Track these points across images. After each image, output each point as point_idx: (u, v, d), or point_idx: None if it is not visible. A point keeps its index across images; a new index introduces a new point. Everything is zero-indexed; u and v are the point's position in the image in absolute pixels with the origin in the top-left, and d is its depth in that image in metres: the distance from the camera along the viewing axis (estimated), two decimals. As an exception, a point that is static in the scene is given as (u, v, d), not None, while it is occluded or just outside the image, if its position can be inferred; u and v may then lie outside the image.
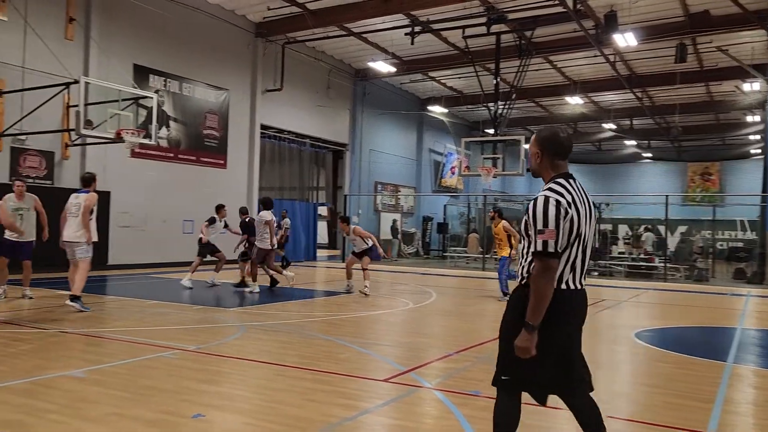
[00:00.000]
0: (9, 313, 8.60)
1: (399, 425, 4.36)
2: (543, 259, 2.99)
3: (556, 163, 3.24)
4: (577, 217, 3.06)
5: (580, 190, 3.17)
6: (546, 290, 2.98)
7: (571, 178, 3.19)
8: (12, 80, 13.71)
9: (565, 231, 3.02)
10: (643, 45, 19.36)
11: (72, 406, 4.46)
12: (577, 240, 3.09)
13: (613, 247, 23.10)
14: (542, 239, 2.99)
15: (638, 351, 7.55)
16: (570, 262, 3.09)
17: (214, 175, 18.85)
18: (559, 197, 3.05)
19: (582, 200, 3.14)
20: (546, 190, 3.12)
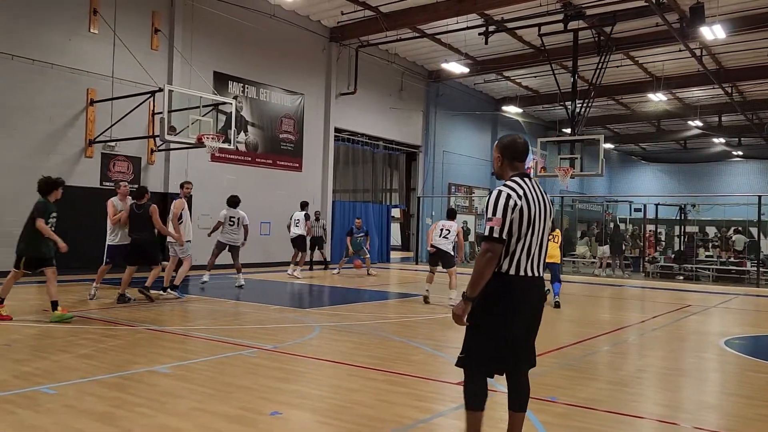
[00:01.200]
0: (101, 310, 9.07)
1: (474, 429, 4.30)
2: (488, 242, 3.38)
3: (515, 165, 3.62)
4: (528, 210, 3.42)
5: (534, 188, 3.53)
6: (485, 269, 3.37)
7: (527, 177, 3.55)
8: (102, 90, 14.49)
9: (514, 221, 3.39)
10: (732, 37, 18.40)
11: (158, 400, 4.64)
12: (531, 230, 3.45)
13: (700, 250, 22.01)
14: (490, 225, 3.40)
15: (728, 360, 7.15)
16: (526, 250, 3.45)
17: (289, 178, 19.26)
18: (511, 191, 3.43)
19: (535, 197, 3.49)
20: (501, 186, 3.51)
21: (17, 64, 13.10)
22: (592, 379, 5.84)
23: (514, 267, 3.44)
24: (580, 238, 24.19)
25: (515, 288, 3.45)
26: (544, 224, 3.54)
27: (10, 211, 13.06)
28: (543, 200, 3.54)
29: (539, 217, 3.48)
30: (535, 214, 3.45)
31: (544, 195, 3.58)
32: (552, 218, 3.70)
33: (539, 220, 3.48)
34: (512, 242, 3.43)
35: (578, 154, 19.19)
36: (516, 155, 3.60)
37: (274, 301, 10.89)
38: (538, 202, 3.49)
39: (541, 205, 3.50)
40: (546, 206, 3.56)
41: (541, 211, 3.50)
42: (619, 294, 14.87)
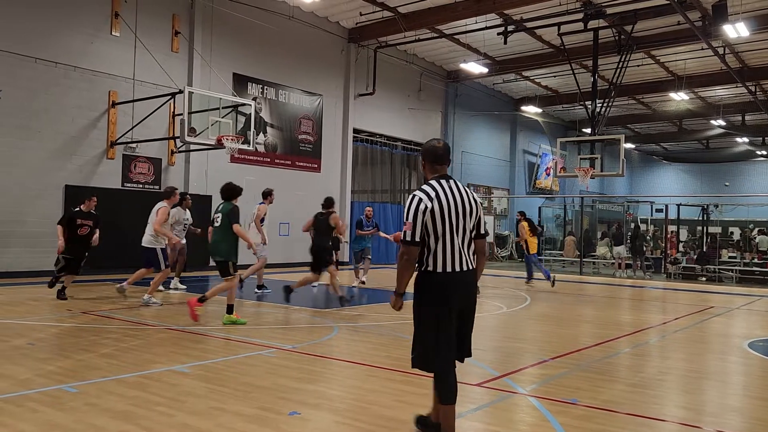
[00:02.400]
0: (122, 310, 9.17)
1: (493, 431, 4.28)
2: (404, 246, 3.68)
3: (435, 168, 3.87)
4: (440, 210, 3.65)
5: (453, 188, 3.75)
6: (404, 269, 3.70)
7: (445, 179, 3.79)
8: (124, 92, 14.66)
9: (428, 223, 3.64)
10: (756, 35, 18.14)
11: (177, 399, 4.68)
12: (449, 228, 3.67)
13: (723, 251, 21.69)
14: (404, 230, 3.67)
15: (752, 362, 7.04)
16: (448, 247, 3.68)
17: (308, 178, 19.33)
18: (423, 195, 3.67)
19: (452, 196, 3.71)
20: (416, 191, 3.75)
21: (41, 66, 13.30)
22: (613, 381, 5.78)
23: (440, 264, 3.67)
24: (601, 239, 23.98)
25: (442, 284, 3.68)
26: (464, 221, 3.73)
27: (33, 212, 13.29)
28: (462, 199, 3.74)
29: (456, 216, 3.70)
30: (451, 212, 3.67)
31: (464, 194, 3.78)
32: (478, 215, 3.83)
33: (457, 218, 3.70)
34: (431, 242, 3.67)
35: (598, 154, 19.03)
36: (436, 159, 3.86)
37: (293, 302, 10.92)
38: (455, 201, 3.70)
39: (459, 204, 3.71)
40: (466, 204, 3.75)
41: (459, 209, 3.71)
42: (640, 295, 14.71)
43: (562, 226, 28.22)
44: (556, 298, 13.26)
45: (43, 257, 13.39)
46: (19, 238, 13.02)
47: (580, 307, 11.65)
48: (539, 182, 31.09)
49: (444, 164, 3.88)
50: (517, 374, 5.88)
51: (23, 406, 4.41)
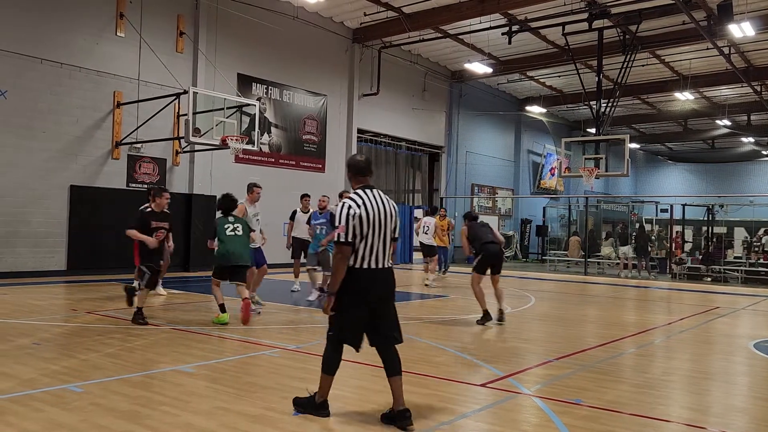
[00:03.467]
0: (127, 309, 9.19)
1: (497, 431, 4.27)
2: (338, 246, 4.26)
3: (359, 179, 4.47)
4: (367, 216, 4.25)
5: (376, 197, 4.37)
6: (339, 267, 4.26)
7: (368, 189, 4.40)
8: (128, 92, 14.70)
9: (356, 227, 4.23)
10: (761, 35, 18.07)
11: (182, 399, 4.69)
12: (371, 232, 4.28)
13: (729, 251, 21.61)
14: (337, 232, 4.24)
15: (757, 363, 7.01)
16: (369, 248, 4.29)
17: (312, 178, 19.33)
18: (351, 203, 4.27)
19: (375, 204, 4.33)
20: (346, 198, 4.35)
21: (46, 67, 13.35)
22: (618, 381, 5.76)
23: (359, 262, 4.28)
24: (605, 239, 23.92)
25: (361, 278, 4.28)
26: (385, 226, 4.36)
27: (37, 212, 13.34)
28: (384, 207, 4.37)
29: (379, 221, 4.31)
30: (375, 218, 4.29)
31: (385, 202, 4.41)
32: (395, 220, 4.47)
33: (379, 222, 4.31)
34: (356, 243, 4.26)
35: (603, 154, 19.01)
36: (359, 171, 4.48)
37: (297, 302, 10.93)
38: (379, 208, 4.32)
39: (381, 211, 4.33)
40: (388, 211, 4.39)
41: (382, 215, 4.33)
42: (644, 296, 14.67)
43: (566, 226, 28.17)
44: (560, 299, 13.24)
45: (48, 257, 13.46)
46: (24, 238, 13.07)
47: (585, 308, 11.63)
48: (544, 182, 31.04)
49: (366, 176, 4.48)
50: (521, 374, 5.87)
51: (28, 406, 4.42)
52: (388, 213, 4.39)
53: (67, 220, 13.67)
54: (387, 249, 4.38)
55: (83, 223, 13.82)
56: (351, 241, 4.23)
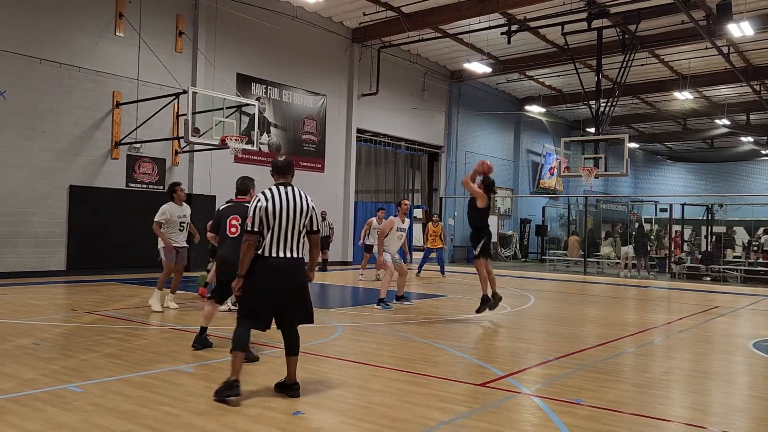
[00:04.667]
0: (126, 309, 9.18)
1: (497, 431, 4.27)
2: (246, 234, 4.76)
3: (277, 177, 4.95)
4: (273, 209, 4.72)
5: (288, 193, 4.83)
6: (245, 253, 4.72)
7: (284, 186, 4.88)
8: (128, 92, 14.69)
9: (263, 218, 4.71)
10: (760, 34, 18.11)
11: (181, 398, 4.69)
12: (279, 224, 4.73)
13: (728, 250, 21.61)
14: (247, 221, 4.75)
15: (757, 362, 7.01)
16: (275, 238, 4.74)
17: (312, 178, 19.33)
18: (262, 197, 4.77)
19: (286, 199, 4.79)
20: (259, 193, 4.83)
21: (45, 67, 13.34)
22: (618, 381, 5.76)
23: (267, 250, 4.72)
24: (605, 239, 23.93)
25: (267, 265, 4.71)
26: (294, 219, 4.79)
27: (38, 212, 13.33)
28: (295, 202, 4.81)
29: (288, 214, 4.75)
30: (282, 211, 4.73)
31: (298, 198, 4.84)
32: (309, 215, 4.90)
33: (287, 216, 4.75)
34: (264, 233, 4.72)
35: (602, 153, 19.03)
36: (277, 171, 4.94)
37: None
38: (288, 203, 4.77)
39: (290, 205, 4.78)
40: (298, 206, 4.82)
41: (291, 209, 4.77)
42: (644, 295, 14.68)
43: (565, 225, 28.18)
44: (560, 298, 13.24)
45: (48, 257, 13.46)
46: (24, 238, 13.06)
47: (585, 307, 11.64)
48: (543, 182, 31.05)
49: (283, 175, 4.93)
50: (521, 374, 5.87)
51: (28, 406, 4.42)
52: (299, 208, 4.81)
53: (67, 220, 13.66)
54: (298, 241, 4.81)
55: (83, 223, 13.82)
56: (257, 230, 4.71)
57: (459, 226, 25.31)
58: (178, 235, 9.15)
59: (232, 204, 6.80)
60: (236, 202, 6.77)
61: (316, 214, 5.02)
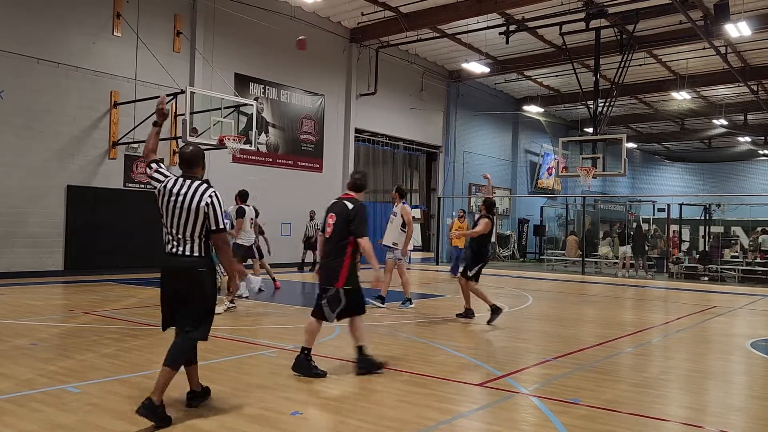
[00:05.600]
0: (124, 310, 9.17)
1: (495, 431, 4.27)
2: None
3: (183, 169, 4.52)
4: (161, 199, 4.34)
5: (183, 185, 4.35)
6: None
7: (183, 178, 4.42)
8: (125, 92, 14.67)
9: (158, 201, 4.38)
10: (758, 34, 18.13)
11: (180, 399, 4.68)
12: (165, 217, 4.32)
13: (726, 250, 21.65)
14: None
15: (754, 362, 7.02)
16: (167, 230, 4.34)
17: (310, 178, 19.33)
18: (160, 186, 4.38)
19: (178, 192, 4.31)
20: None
21: (43, 67, 13.32)
22: (616, 380, 5.77)
23: (164, 244, 4.36)
24: (603, 239, 23.96)
25: (163, 262, 4.38)
26: (179, 214, 4.28)
27: (35, 212, 13.30)
28: (185, 197, 4.30)
29: (174, 208, 4.29)
30: (169, 204, 4.30)
31: (190, 193, 4.31)
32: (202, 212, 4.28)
33: (174, 209, 4.29)
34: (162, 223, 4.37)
35: (600, 153, 19.02)
36: (181, 161, 4.55)
37: (294, 302, 10.93)
38: (176, 196, 4.30)
39: (178, 199, 4.29)
40: (186, 201, 4.28)
41: (178, 203, 4.29)
42: (642, 295, 14.69)
43: (564, 225, 28.20)
44: (558, 298, 13.25)
45: (45, 257, 13.43)
46: (21, 238, 13.04)
47: (583, 307, 11.64)
48: (541, 182, 31.07)
49: (189, 167, 4.50)
50: (519, 374, 5.87)
51: (26, 406, 4.41)
52: (186, 203, 4.27)
53: (65, 220, 13.64)
54: (184, 237, 4.29)
55: (80, 223, 13.80)
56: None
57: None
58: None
59: (335, 200, 5.85)
60: (340, 198, 5.81)
61: (216, 212, 4.33)
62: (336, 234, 5.61)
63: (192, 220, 4.28)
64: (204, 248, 4.35)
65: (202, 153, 4.63)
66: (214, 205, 4.32)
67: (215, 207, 4.33)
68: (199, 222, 4.29)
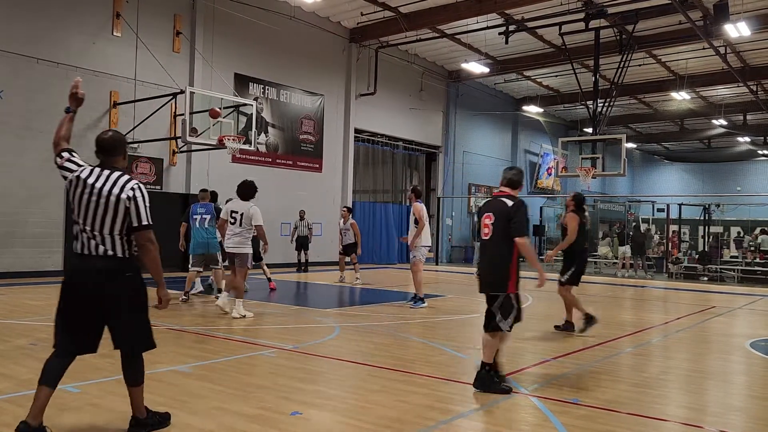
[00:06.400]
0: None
1: (495, 431, 4.27)
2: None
3: (99, 157, 3.96)
4: (71, 190, 3.79)
5: (97, 176, 3.82)
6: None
7: (100, 167, 3.90)
8: (125, 92, 14.67)
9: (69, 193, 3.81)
10: (757, 34, 18.15)
11: (179, 399, 4.68)
12: (77, 212, 3.74)
13: (725, 250, 21.66)
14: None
15: (754, 362, 7.03)
16: (77, 230, 3.76)
17: (309, 178, 19.33)
18: (72, 176, 3.87)
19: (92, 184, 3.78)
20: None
21: (42, 67, 13.31)
22: (616, 380, 5.77)
23: (73, 245, 3.76)
24: (602, 239, 23.96)
25: (70, 266, 3.79)
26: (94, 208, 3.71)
27: (35, 212, 13.30)
28: (101, 188, 3.74)
29: (88, 201, 3.72)
30: (82, 196, 3.73)
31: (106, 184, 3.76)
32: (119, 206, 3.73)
33: (88, 203, 3.72)
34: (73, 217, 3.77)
35: (600, 153, 19.00)
36: (98, 148, 3.99)
37: (294, 302, 10.93)
38: (89, 187, 3.75)
39: (90, 190, 3.74)
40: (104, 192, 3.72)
41: (89, 195, 3.73)
42: (642, 295, 14.69)
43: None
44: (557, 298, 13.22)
45: (45, 257, 13.43)
46: (21, 238, 13.04)
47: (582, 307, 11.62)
48: (540, 182, 31.08)
49: (104, 155, 3.96)
50: (518, 374, 5.87)
51: (26, 407, 4.39)
52: (102, 195, 3.72)
53: (64, 221, 13.63)
54: (102, 235, 3.69)
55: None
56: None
57: (456, 227, 25.32)
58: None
59: (489, 199, 5.56)
60: (494, 196, 5.44)
61: (138, 206, 3.77)
62: (497, 235, 5.15)
63: (111, 215, 3.72)
64: (127, 248, 3.77)
65: (123, 140, 4.06)
66: (137, 198, 3.77)
67: (138, 201, 3.77)
68: (120, 217, 3.73)
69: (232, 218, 8.82)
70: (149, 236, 3.79)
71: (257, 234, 8.84)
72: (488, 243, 5.19)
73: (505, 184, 5.36)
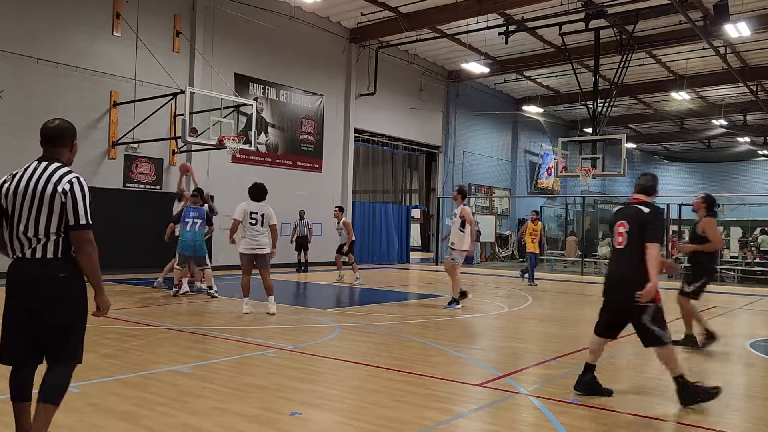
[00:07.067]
0: (123, 310, 9.17)
1: (495, 431, 4.27)
2: None
3: (43, 147, 3.54)
4: (7, 191, 3.39)
5: (35, 170, 3.42)
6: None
7: (39, 161, 3.48)
8: (125, 92, 14.67)
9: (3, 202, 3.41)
10: (757, 35, 18.15)
11: (179, 399, 4.68)
12: (13, 212, 3.37)
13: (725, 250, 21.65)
14: None
15: (753, 362, 7.03)
16: (12, 231, 3.39)
17: (309, 178, 19.33)
18: (8, 175, 3.51)
19: (28, 179, 3.39)
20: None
21: (42, 67, 13.31)
22: (615, 381, 5.77)
23: (10, 249, 3.41)
24: (602, 239, 23.96)
25: (10, 271, 3.40)
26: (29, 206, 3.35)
27: (35, 212, 13.27)
28: (37, 183, 3.37)
29: (23, 198, 3.35)
30: (16, 194, 3.37)
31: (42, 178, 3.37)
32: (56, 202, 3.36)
33: (23, 201, 3.35)
34: (6, 223, 3.42)
35: (600, 153, 19.00)
36: (41, 140, 3.54)
37: (294, 302, 10.92)
38: (25, 183, 3.38)
39: (26, 187, 3.37)
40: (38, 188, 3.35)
41: (25, 192, 3.36)
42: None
43: (563, 226, 28.20)
44: (557, 298, 13.24)
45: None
46: (21, 238, 13.01)
47: (582, 307, 11.64)
48: (540, 182, 31.08)
49: (48, 145, 3.53)
50: (518, 374, 5.87)
51: (25, 407, 4.40)
52: (38, 191, 3.35)
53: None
54: (36, 236, 3.35)
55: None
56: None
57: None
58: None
59: (622, 206, 5.42)
60: (629, 203, 5.30)
61: (76, 202, 3.39)
62: (632, 243, 4.98)
63: (45, 212, 3.34)
64: (64, 248, 3.39)
65: (71, 129, 3.59)
66: (74, 192, 3.37)
67: (76, 195, 3.37)
68: (55, 215, 3.35)
69: (253, 219, 9.22)
70: (88, 237, 3.40)
71: (270, 233, 9.28)
72: (623, 252, 5.06)
73: (639, 191, 5.26)
